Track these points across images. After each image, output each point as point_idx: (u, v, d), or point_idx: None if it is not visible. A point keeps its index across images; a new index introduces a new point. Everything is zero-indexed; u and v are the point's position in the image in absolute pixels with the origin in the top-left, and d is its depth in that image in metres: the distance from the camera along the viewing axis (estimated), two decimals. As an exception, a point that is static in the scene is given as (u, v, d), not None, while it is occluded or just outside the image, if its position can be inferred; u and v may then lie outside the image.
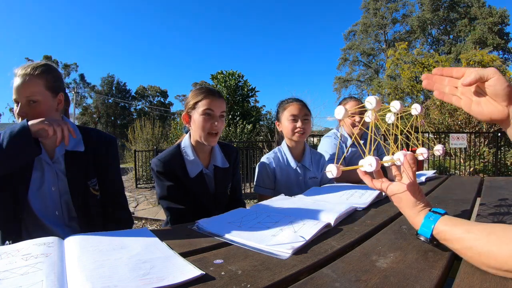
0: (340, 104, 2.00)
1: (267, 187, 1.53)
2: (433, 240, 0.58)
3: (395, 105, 0.74)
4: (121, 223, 1.16)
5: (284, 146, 1.60)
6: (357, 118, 1.87)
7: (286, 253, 0.59)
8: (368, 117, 0.71)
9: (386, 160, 0.67)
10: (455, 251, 0.54)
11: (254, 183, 1.57)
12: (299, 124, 1.51)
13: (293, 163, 1.56)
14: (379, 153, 2.07)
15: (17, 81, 1.04)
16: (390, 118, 0.80)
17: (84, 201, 1.08)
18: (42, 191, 1.04)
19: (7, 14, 53.22)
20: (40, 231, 1.02)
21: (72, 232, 0.78)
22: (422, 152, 0.78)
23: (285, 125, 1.54)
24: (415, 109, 0.80)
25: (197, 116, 1.19)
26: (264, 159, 1.57)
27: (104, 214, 1.13)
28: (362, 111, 0.73)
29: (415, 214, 0.62)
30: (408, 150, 0.72)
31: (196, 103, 1.19)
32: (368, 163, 0.62)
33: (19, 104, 1.03)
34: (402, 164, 0.65)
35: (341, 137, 1.94)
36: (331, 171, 0.64)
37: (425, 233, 0.58)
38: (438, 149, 0.84)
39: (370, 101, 0.67)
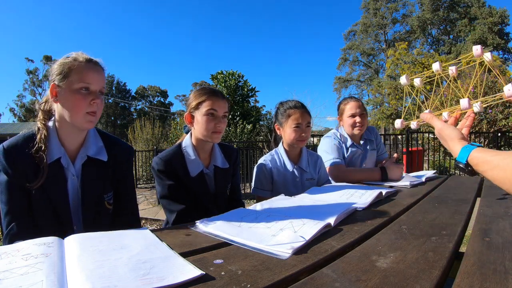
0: (340, 104, 2.00)
1: (265, 189, 1.53)
2: (467, 166, 0.68)
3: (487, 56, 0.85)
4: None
5: (281, 149, 1.61)
6: (357, 119, 1.87)
7: (286, 253, 0.59)
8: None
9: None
10: (483, 173, 0.64)
11: (252, 185, 1.57)
12: (303, 133, 1.53)
13: (289, 166, 1.56)
14: (381, 152, 2.07)
15: (90, 66, 0.94)
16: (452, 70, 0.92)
17: (96, 215, 1.01)
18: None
19: (6, 14, 53.25)
20: None
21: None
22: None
23: (288, 132, 1.54)
24: (487, 57, 0.86)
25: (200, 116, 1.19)
26: (261, 161, 1.58)
27: (113, 223, 1.07)
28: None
29: (454, 144, 0.74)
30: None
31: (199, 103, 1.19)
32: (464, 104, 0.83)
33: (91, 91, 0.93)
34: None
35: (341, 137, 1.94)
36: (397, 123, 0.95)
37: (461, 159, 0.69)
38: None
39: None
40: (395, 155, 1.86)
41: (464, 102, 0.83)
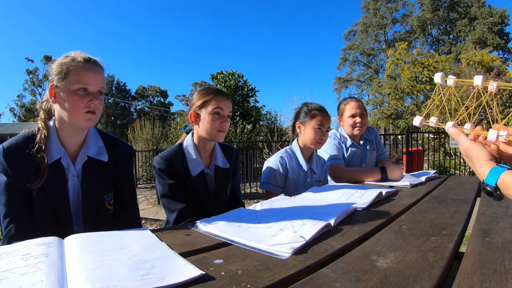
0: (340, 104, 2.00)
1: (278, 186, 1.54)
2: (496, 190, 0.62)
3: None
4: None
5: (296, 148, 1.62)
6: (358, 119, 1.87)
7: (286, 253, 0.59)
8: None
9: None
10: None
11: (262, 179, 1.56)
12: (324, 136, 1.56)
13: (304, 165, 1.58)
14: (380, 152, 2.07)
15: (88, 67, 0.93)
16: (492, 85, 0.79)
17: (96, 215, 1.01)
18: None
19: (6, 14, 53.27)
20: None
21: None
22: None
23: (309, 132, 1.56)
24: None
25: (206, 115, 1.20)
26: (277, 157, 1.57)
27: (113, 223, 1.07)
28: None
29: (482, 166, 0.68)
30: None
31: (205, 102, 1.21)
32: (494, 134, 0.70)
33: (89, 92, 0.92)
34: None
35: (341, 137, 1.94)
36: (416, 120, 0.84)
37: (490, 182, 0.63)
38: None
39: None
40: (395, 155, 1.87)
41: (492, 135, 0.74)
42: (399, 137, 7.23)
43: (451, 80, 0.86)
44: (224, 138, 1.24)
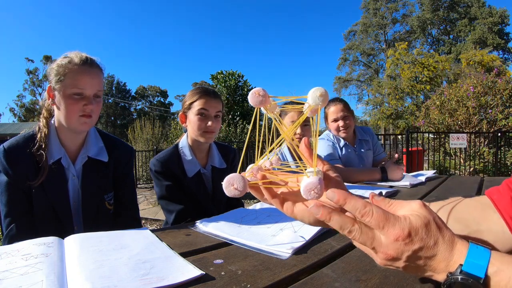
0: (325, 108, 1.98)
1: None
2: (485, 284, 0.34)
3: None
4: None
5: (284, 147, 1.61)
6: (340, 123, 1.87)
7: (286, 253, 0.59)
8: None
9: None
10: None
11: None
12: (298, 130, 1.52)
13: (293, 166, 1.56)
14: (377, 152, 2.06)
15: (84, 70, 0.91)
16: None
17: (96, 215, 1.01)
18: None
19: (6, 14, 53.25)
20: None
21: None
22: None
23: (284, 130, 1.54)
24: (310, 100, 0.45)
25: (192, 116, 1.20)
26: None
27: (113, 223, 1.07)
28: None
29: (450, 243, 0.38)
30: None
31: (191, 103, 1.21)
32: (231, 184, 0.40)
33: (85, 96, 0.91)
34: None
35: (334, 138, 1.93)
36: (235, 184, 0.42)
37: (475, 269, 0.35)
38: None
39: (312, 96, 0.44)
40: (396, 155, 1.86)
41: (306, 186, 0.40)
42: (399, 137, 7.24)
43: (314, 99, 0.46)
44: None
